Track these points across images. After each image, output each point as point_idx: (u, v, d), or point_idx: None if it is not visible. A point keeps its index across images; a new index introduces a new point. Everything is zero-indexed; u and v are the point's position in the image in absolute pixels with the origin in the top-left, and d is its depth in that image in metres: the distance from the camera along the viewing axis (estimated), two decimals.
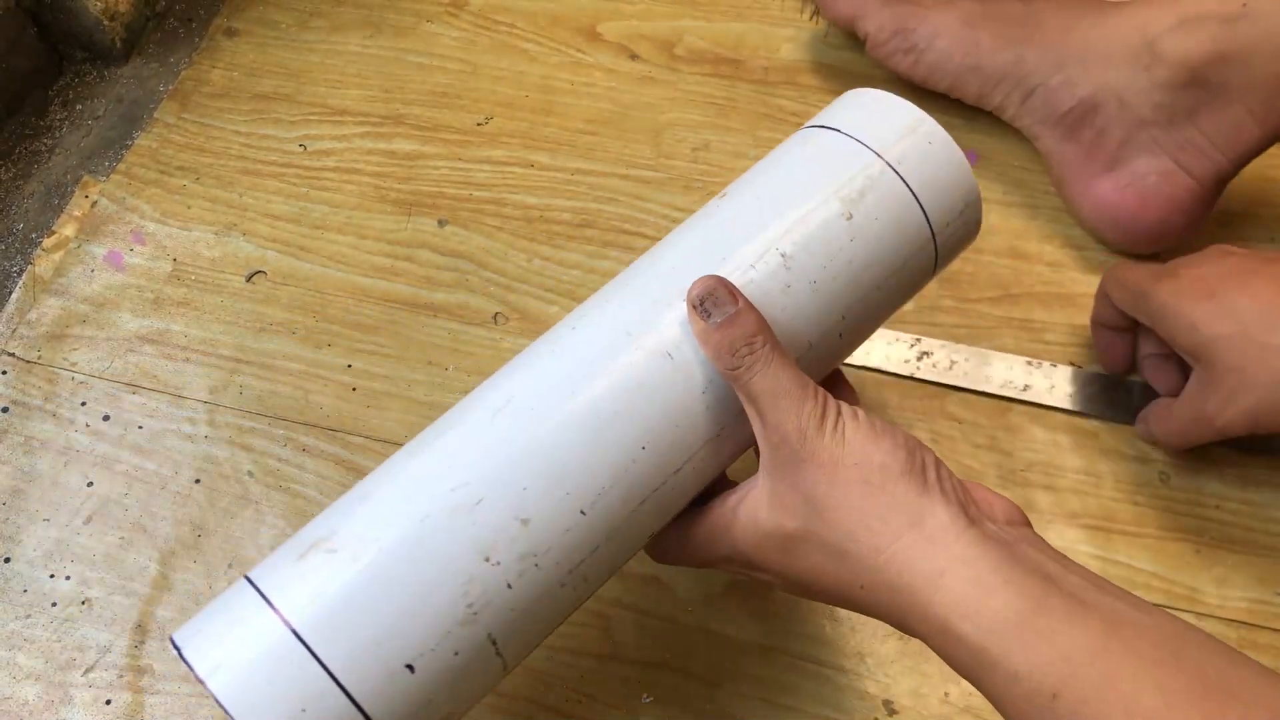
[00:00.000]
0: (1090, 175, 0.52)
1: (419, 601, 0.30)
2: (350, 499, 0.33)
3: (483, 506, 0.32)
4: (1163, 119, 0.49)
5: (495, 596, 0.31)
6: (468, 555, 0.31)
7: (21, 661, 0.45)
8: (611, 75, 0.63)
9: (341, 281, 0.56)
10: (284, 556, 0.32)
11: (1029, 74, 0.53)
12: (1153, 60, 0.49)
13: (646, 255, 0.38)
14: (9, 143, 0.62)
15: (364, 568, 0.30)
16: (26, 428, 0.51)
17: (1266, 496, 0.47)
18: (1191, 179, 0.50)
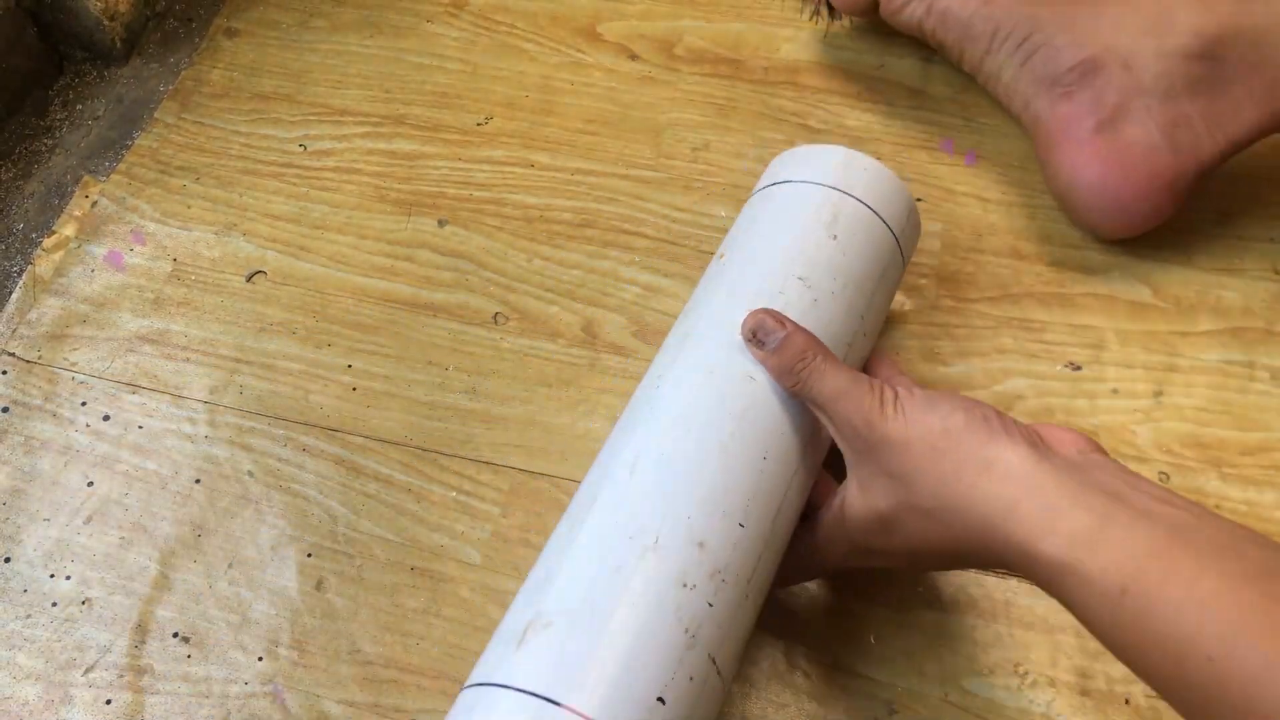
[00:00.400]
0: (1077, 138, 0.51)
1: (647, 638, 0.33)
2: (535, 584, 0.36)
3: (661, 543, 0.35)
4: (1162, 89, 0.49)
5: (703, 616, 0.34)
6: (669, 586, 0.34)
7: (22, 661, 0.45)
8: (611, 75, 0.63)
9: (341, 281, 0.56)
10: (501, 650, 0.34)
11: (1037, 31, 0.52)
12: (1166, 28, 0.48)
13: (689, 312, 0.44)
14: (9, 143, 0.62)
15: (586, 627, 0.33)
16: (27, 428, 0.51)
17: (1266, 496, 0.47)
18: (1177, 158, 0.49)
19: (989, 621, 0.44)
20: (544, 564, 0.37)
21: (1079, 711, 0.42)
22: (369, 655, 0.45)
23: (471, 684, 0.34)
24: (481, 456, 0.50)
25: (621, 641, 0.33)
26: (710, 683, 0.34)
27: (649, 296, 0.54)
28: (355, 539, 0.48)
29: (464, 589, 0.46)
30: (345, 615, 0.46)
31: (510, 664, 0.33)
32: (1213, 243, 0.54)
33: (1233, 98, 0.48)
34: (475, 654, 0.44)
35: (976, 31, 0.54)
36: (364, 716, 0.44)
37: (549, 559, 0.37)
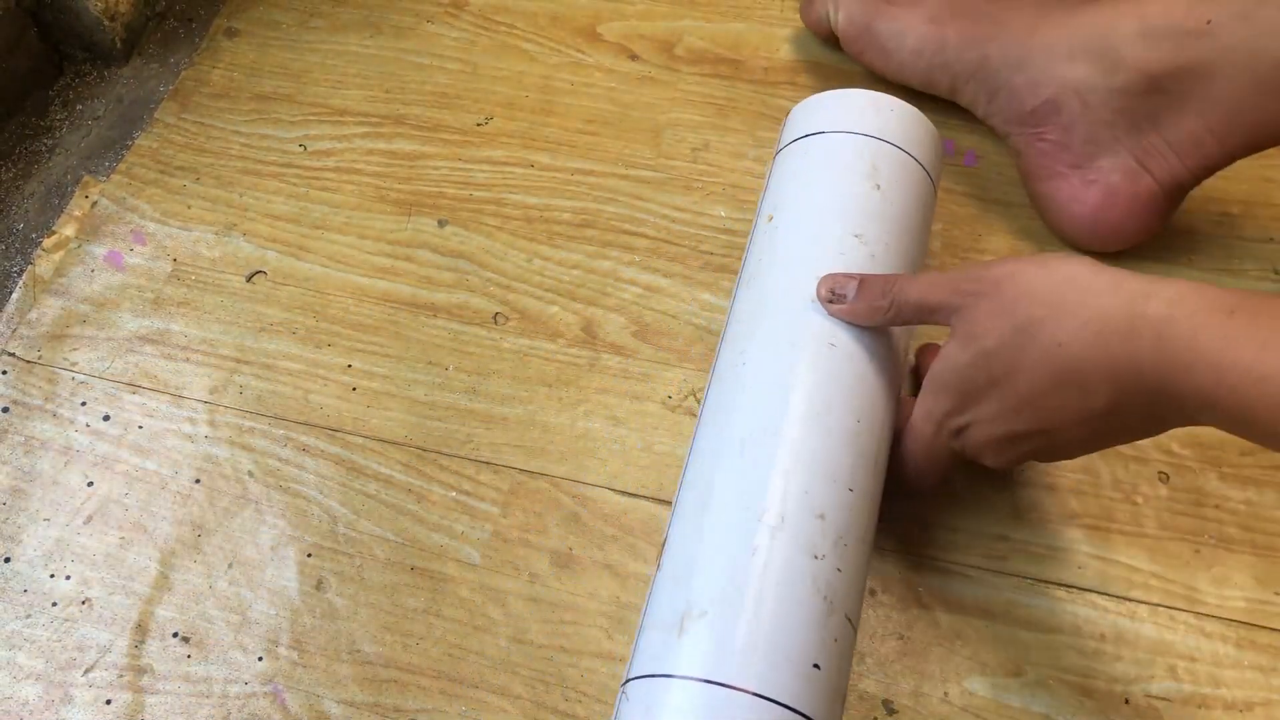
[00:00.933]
0: (1055, 173, 0.52)
1: (794, 613, 0.36)
2: (677, 572, 0.38)
3: (788, 520, 0.37)
4: (1125, 122, 0.49)
5: (835, 582, 0.37)
6: (802, 560, 0.37)
7: (22, 661, 0.45)
8: (611, 75, 0.63)
9: (341, 281, 0.56)
10: (662, 640, 0.36)
11: (994, 73, 0.53)
12: (1113, 65, 0.48)
13: (751, 281, 0.45)
14: (9, 143, 0.62)
15: (739, 611, 0.35)
16: (27, 428, 0.51)
17: (1266, 496, 0.47)
18: (1154, 181, 0.50)
19: (989, 621, 0.44)
20: (680, 551, 0.38)
21: (1079, 711, 0.42)
22: (369, 655, 0.45)
23: (636, 676, 0.36)
24: (481, 456, 0.50)
25: (773, 620, 0.35)
26: (848, 639, 0.37)
27: (649, 296, 0.54)
28: (355, 539, 0.48)
29: (464, 589, 0.46)
30: (345, 615, 0.46)
31: (675, 653, 0.35)
32: (1213, 243, 0.54)
33: (1192, 129, 0.48)
34: (475, 653, 0.45)
35: (936, 79, 0.56)
36: (364, 716, 0.44)
37: (684, 546, 0.38)
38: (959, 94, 0.55)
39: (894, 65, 0.57)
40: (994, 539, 0.46)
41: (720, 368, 0.44)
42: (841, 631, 0.37)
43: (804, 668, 0.35)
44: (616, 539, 0.47)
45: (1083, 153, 0.51)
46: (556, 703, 0.44)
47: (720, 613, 0.35)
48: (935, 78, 0.56)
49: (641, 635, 0.37)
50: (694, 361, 0.52)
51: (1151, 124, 0.49)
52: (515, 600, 0.46)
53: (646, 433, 0.50)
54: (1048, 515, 0.47)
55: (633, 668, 0.37)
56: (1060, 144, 0.51)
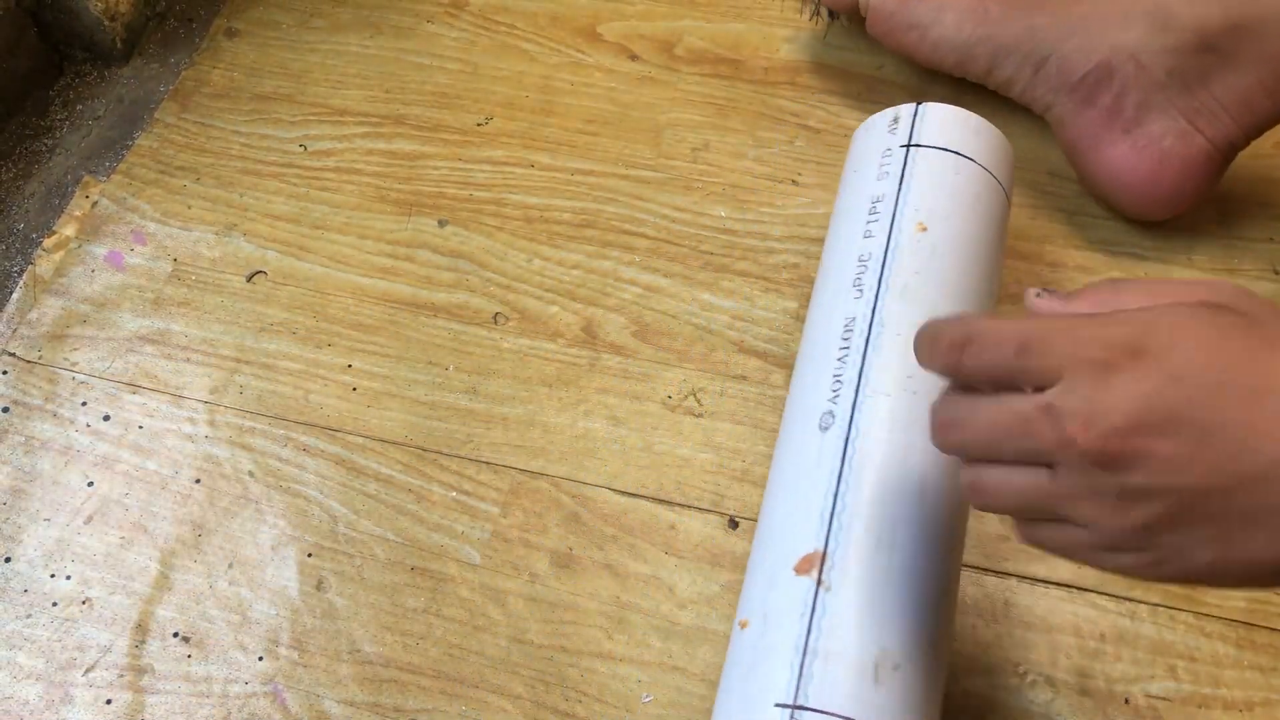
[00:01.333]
0: (1107, 140, 0.51)
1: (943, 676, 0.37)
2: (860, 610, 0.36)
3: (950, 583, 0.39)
4: (1177, 83, 0.49)
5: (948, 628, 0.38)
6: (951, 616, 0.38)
7: (22, 661, 0.45)
8: (611, 75, 0.63)
9: (341, 281, 0.56)
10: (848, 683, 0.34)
11: (1041, 43, 0.52)
12: (1166, 24, 0.48)
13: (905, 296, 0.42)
14: (9, 143, 0.62)
15: (923, 671, 0.36)
16: (27, 428, 0.52)
17: None
18: (1207, 141, 0.50)
19: (989, 621, 0.44)
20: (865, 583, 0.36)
21: (1079, 711, 0.42)
22: (369, 655, 0.45)
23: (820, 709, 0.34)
24: (481, 456, 0.50)
25: (940, 682, 0.37)
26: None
27: (649, 296, 0.54)
28: (355, 539, 0.48)
29: (464, 589, 0.46)
30: (345, 615, 0.46)
31: (871, 700, 0.34)
32: (1213, 243, 0.54)
33: (1245, 85, 0.48)
34: (475, 653, 0.45)
35: (977, 54, 0.54)
36: (364, 716, 0.44)
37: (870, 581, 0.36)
38: (997, 70, 0.54)
39: (929, 43, 0.55)
40: (994, 539, 0.46)
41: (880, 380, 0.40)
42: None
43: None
44: (616, 539, 0.47)
45: (1134, 118, 0.50)
46: (556, 703, 0.44)
47: (911, 671, 0.35)
48: (975, 53, 0.54)
49: (816, 660, 0.35)
50: (694, 361, 0.52)
51: (1202, 83, 0.49)
52: (515, 600, 0.46)
53: (646, 433, 0.50)
54: None
55: (808, 695, 0.34)
56: (1112, 110, 0.51)
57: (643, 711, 0.43)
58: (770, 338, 0.52)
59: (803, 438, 0.40)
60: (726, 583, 0.46)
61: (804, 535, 0.37)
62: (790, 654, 0.35)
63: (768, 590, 0.37)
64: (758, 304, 0.53)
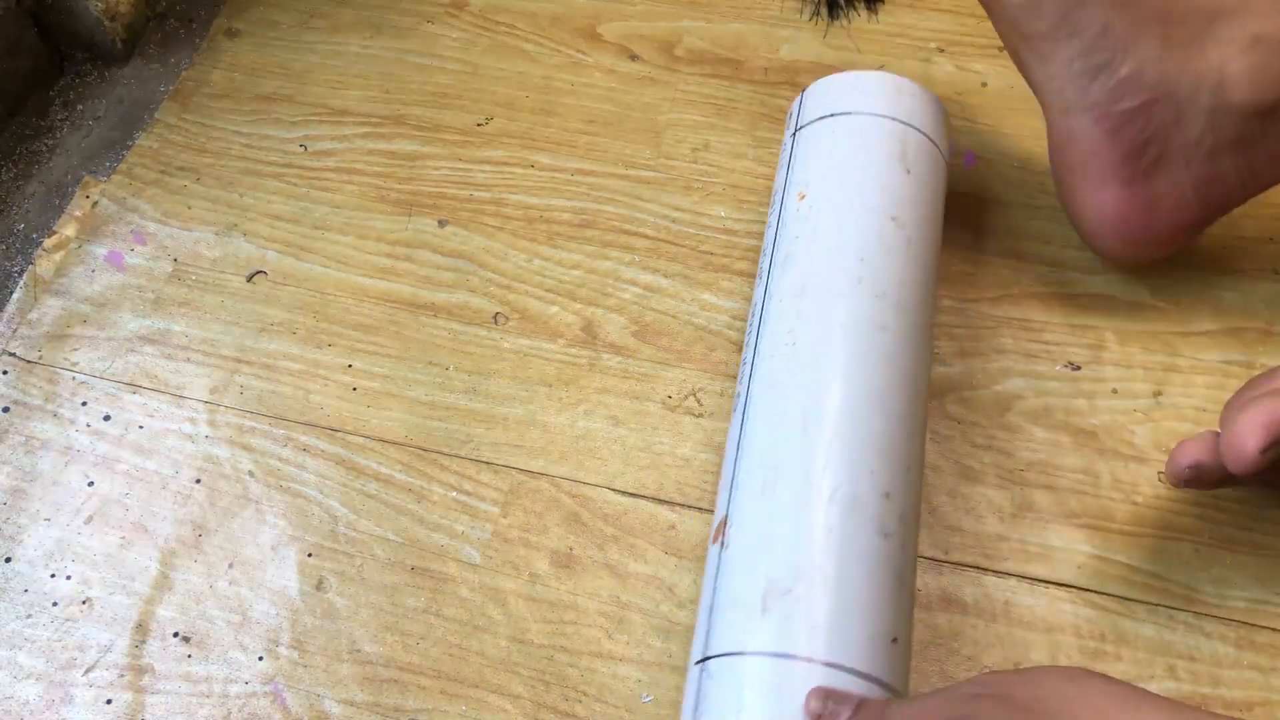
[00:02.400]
0: (1109, 179, 0.48)
1: (874, 589, 0.37)
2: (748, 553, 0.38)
3: (860, 500, 0.38)
4: (1207, 146, 0.46)
5: (902, 559, 0.38)
6: (876, 538, 0.38)
7: (22, 661, 0.45)
8: (611, 75, 0.63)
9: (342, 281, 0.56)
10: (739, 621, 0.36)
11: (1105, 47, 0.46)
12: (1227, 81, 0.44)
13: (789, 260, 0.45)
14: (9, 143, 0.62)
15: (822, 590, 0.36)
16: (27, 428, 0.52)
17: (1266, 496, 0.47)
18: (1203, 210, 0.48)
19: (989, 621, 0.44)
20: (751, 529, 0.38)
21: None
22: (369, 655, 0.45)
23: (718, 654, 0.36)
24: (481, 456, 0.50)
25: (854, 598, 0.36)
26: (913, 611, 0.40)
27: (649, 296, 0.54)
28: (355, 539, 0.48)
29: (464, 589, 0.46)
30: (345, 615, 0.46)
31: (760, 631, 0.36)
32: (1213, 243, 0.54)
33: (1273, 150, 0.45)
34: (476, 653, 0.45)
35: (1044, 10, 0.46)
36: (364, 716, 0.44)
37: (755, 524, 0.38)
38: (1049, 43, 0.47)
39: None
40: (994, 539, 0.46)
41: (765, 346, 0.43)
42: (911, 605, 0.39)
43: (887, 642, 0.36)
44: (616, 539, 0.47)
45: (1145, 170, 0.47)
46: (556, 703, 0.44)
47: (804, 592, 0.36)
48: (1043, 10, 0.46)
49: (715, 613, 0.37)
50: (694, 361, 0.52)
51: (1232, 149, 0.46)
52: (515, 600, 0.46)
53: (646, 433, 0.50)
54: (1048, 515, 0.47)
55: (710, 645, 0.37)
56: (1129, 154, 0.47)
57: (643, 711, 0.43)
58: None
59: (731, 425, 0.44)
60: None
61: (720, 507, 0.41)
62: (706, 616, 0.38)
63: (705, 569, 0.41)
64: None
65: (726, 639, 0.36)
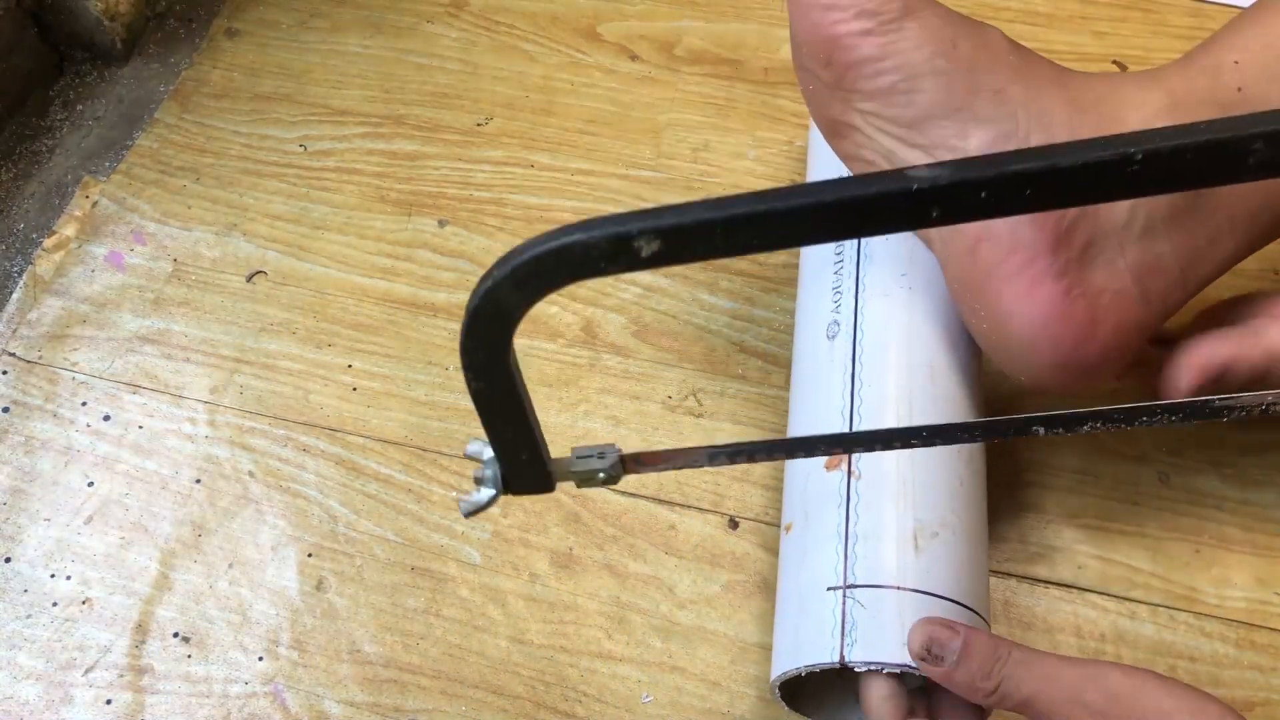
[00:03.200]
0: (1036, 274, 0.39)
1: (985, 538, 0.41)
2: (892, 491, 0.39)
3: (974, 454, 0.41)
4: (1140, 224, 0.39)
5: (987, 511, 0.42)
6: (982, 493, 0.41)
7: (22, 661, 0.45)
8: (611, 75, 0.63)
9: (341, 281, 0.56)
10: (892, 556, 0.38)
11: (1005, 116, 0.39)
12: None
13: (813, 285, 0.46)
14: (9, 143, 0.62)
15: (960, 538, 0.38)
16: (27, 428, 0.52)
17: (1266, 496, 0.47)
18: (1146, 309, 0.40)
19: (989, 622, 0.44)
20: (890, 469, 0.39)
21: None
22: (369, 655, 0.45)
23: (870, 584, 0.37)
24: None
25: (981, 545, 0.40)
26: None
27: (649, 296, 0.54)
28: (355, 539, 0.48)
29: (464, 589, 0.46)
30: (345, 615, 0.46)
31: (915, 568, 0.37)
32: None
33: (1211, 229, 0.40)
34: (475, 653, 0.45)
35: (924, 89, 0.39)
36: (364, 716, 0.44)
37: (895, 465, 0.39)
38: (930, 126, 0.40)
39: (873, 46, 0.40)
40: (994, 539, 0.46)
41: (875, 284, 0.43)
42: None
43: (988, 586, 0.40)
44: (616, 539, 0.47)
45: (1077, 258, 0.39)
46: (556, 703, 0.44)
47: (950, 537, 0.38)
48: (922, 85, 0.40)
49: (859, 542, 0.38)
50: (694, 361, 0.52)
51: (1168, 227, 0.40)
52: (515, 600, 0.46)
53: (646, 433, 0.50)
54: (1048, 515, 0.47)
55: (856, 574, 0.38)
56: (1054, 240, 0.39)
57: (643, 711, 0.43)
58: (770, 338, 0.52)
59: (814, 349, 0.44)
60: (726, 583, 0.46)
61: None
62: (835, 541, 0.38)
63: (804, 491, 0.41)
64: (758, 304, 0.53)
65: (875, 571, 0.37)
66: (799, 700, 0.41)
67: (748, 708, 0.43)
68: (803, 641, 0.37)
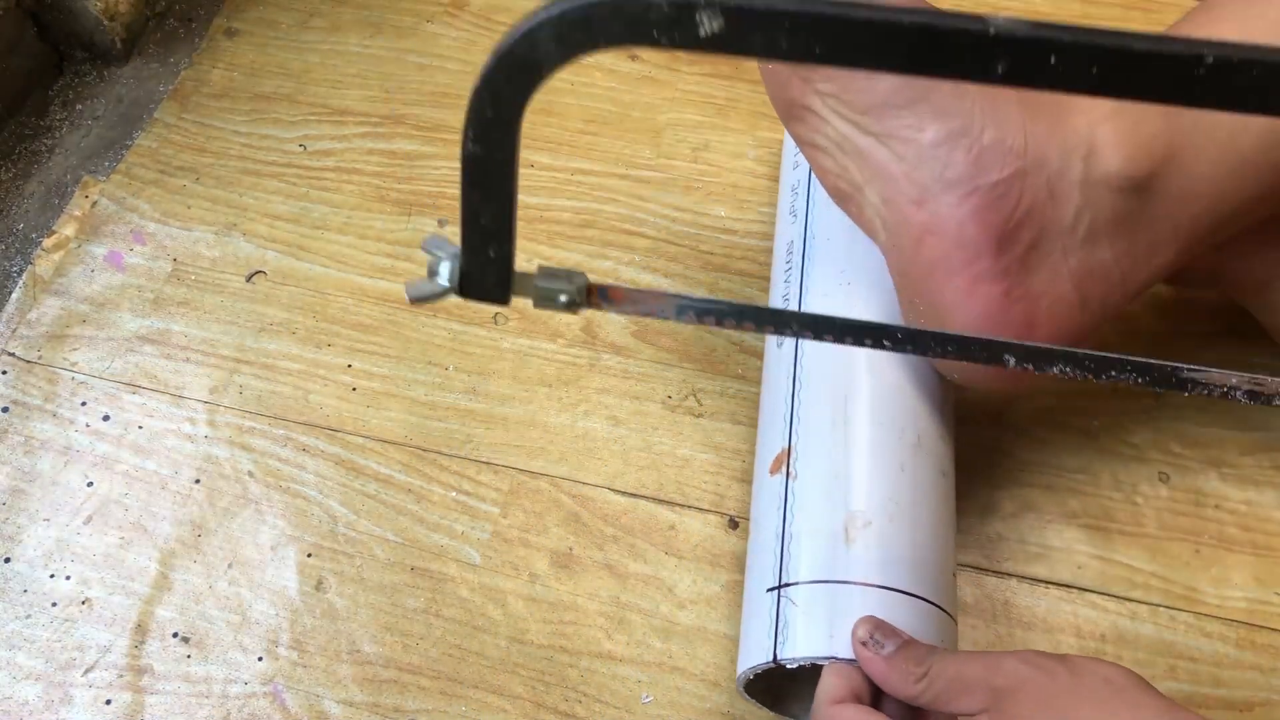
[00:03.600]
0: (981, 270, 0.39)
1: (940, 525, 0.39)
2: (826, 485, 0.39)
3: (923, 438, 0.40)
4: (1083, 228, 0.40)
5: (953, 500, 0.40)
6: (937, 477, 0.40)
7: (21, 661, 0.45)
8: (611, 75, 0.63)
9: (341, 281, 0.56)
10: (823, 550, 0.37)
11: (963, 111, 0.39)
12: (1097, 151, 0.39)
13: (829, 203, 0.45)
14: (9, 143, 0.62)
15: (900, 524, 0.38)
16: (27, 428, 0.51)
17: (1266, 496, 0.47)
18: (1084, 314, 0.41)
19: (989, 622, 0.44)
20: (825, 463, 0.39)
21: None
22: (369, 655, 0.45)
23: (803, 581, 0.37)
24: (481, 456, 0.50)
25: (928, 533, 0.38)
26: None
27: None
28: (355, 539, 0.48)
29: (464, 589, 0.46)
30: (345, 615, 0.46)
31: (847, 561, 0.37)
32: None
33: (1154, 235, 0.40)
34: (475, 653, 0.45)
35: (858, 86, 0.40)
36: (364, 716, 0.44)
37: (830, 458, 0.39)
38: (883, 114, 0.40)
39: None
40: (994, 539, 0.46)
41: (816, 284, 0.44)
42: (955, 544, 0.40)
43: (949, 575, 0.38)
44: (616, 539, 0.47)
45: (1020, 258, 0.40)
46: (556, 703, 0.44)
47: (884, 525, 0.38)
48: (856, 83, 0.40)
49: (792, 542, 0.38)
50: (694, 361, 0.52)
51: (1110, 232, 0.40)
52: (515, 600, 0.46)
53: (646, 433, 0.50)
54: (1048, 515, 0.47)
55: (790, 572, 0.38)
56: (1000, 238, 0.39)
57: (643, 711, 0.43)
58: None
59: (768, 359, 0.45)
60: (726, 583, 0.46)
61: (775, 439, 0.42)
62: (774, 544, 0.39)
63: (756, 497, 0.42)
64: (758, 304, 0.53)
65: (808, 567, 0.37)
66: (786, 702, 0.41)
67: (747, 708, 0.43)
68: (749, 645, 0.38)
